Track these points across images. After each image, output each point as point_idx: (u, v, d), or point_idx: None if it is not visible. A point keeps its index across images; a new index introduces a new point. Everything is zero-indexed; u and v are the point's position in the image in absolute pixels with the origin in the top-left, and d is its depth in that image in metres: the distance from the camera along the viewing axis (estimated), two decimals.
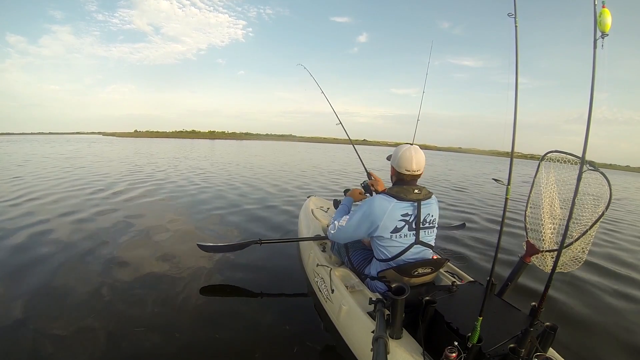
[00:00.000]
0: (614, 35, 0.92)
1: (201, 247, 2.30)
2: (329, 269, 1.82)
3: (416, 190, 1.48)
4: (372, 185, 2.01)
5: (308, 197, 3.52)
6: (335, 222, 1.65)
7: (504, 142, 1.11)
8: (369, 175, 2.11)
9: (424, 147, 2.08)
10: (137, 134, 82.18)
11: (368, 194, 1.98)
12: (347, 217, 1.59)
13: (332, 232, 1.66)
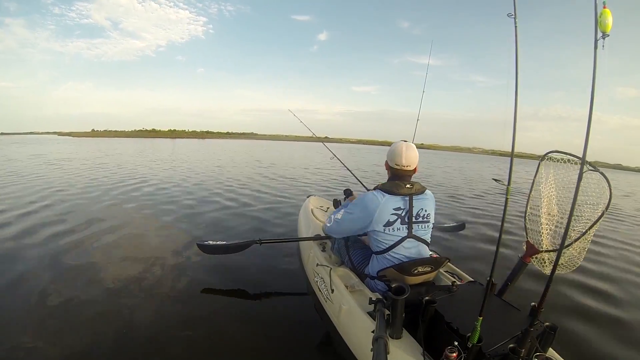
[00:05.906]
0: (569, 36, 0.91)
1: (200, 247, 2.28)
2: (329, 268, 1.82)
3: (408, 185, 1.53)
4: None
5: (307, 197, 3.50)
6: (332, 216, 1.72)
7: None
8: (350, 192, 2.21)
9: (386, 144, 2.12)
10: (94, 134, 77.25)
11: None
12: (343, 211, 1.65)
13: (328, 225, 1.74)
